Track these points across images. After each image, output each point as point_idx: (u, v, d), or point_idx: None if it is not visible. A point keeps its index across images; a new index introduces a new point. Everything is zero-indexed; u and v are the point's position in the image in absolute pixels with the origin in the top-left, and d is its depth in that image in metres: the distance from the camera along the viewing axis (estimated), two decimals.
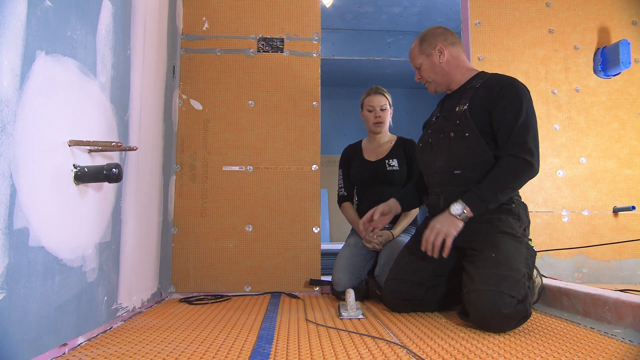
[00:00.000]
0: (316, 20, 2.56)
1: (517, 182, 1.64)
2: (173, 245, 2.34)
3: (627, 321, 1.39)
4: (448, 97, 1.90)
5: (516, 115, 1.65)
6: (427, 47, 1.88)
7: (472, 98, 1.74)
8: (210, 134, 2.43)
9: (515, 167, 1.62)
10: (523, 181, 1.64)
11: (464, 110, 1.73)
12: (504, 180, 1.62)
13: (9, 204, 0.99)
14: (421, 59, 1.89)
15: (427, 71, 1.89)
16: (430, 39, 1.88)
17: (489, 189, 1.61)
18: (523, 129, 1.64)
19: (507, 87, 1.71)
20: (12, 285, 1.00)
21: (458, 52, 1.88)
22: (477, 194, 1.61)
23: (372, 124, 2.39)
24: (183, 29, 2.49)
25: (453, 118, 1.76)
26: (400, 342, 1.30)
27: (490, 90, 1.72)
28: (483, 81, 1.77)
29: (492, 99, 1.70)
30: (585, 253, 2.49)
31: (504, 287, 1.42)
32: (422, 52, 1.89)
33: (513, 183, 1.63)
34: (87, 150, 1.34)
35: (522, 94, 1.70)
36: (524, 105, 1.67)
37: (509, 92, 1.69)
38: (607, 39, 2.67)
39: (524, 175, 1.63)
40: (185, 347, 1.27)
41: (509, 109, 1.67)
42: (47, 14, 1.15)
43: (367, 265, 2.25)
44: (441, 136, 1.79)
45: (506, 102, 1.68)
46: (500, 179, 1.62)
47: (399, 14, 5.23)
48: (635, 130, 2.61)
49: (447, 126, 1.77)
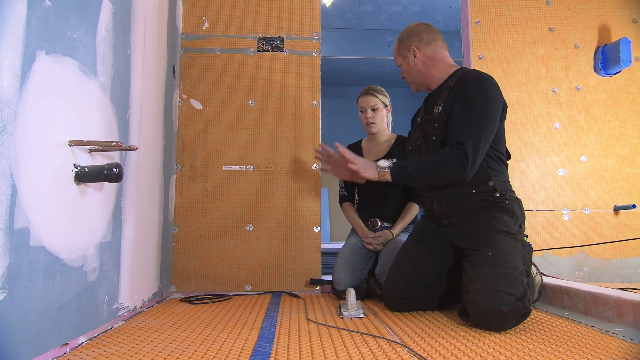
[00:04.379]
0: (316, 19, 2.56)
1: (443, 173, 1.65)
2: (174, 245, 2.34)
3: (628, 320, 1.39)
4: (430, 96, 1.90)
5: (468, 114, 1.64)
6: (402, 49, 1.88)
7: (445, 99, 1.74)
8: (210, 133, 2.44)
9: (449, 159, 1.62)
10: (449, 176, 1.65)
11: (440, 112, 1.73)
12: (433, 165, 1.65)
13: (10, 203, 0.99)
14: (399, 60, 1.91)
15: (405, 72, 1.91)
16: (405, 40, 1.87)
17: (416, 166, 1.70)
18: (468, 129, 1.62)
19: (471, 83, 1.69)
20: (13, 285, 1.00)
21: (435, 51, 1.84)
22: (404, 165, 1.71)
23: (365, 124, 2.40)
24: (183, 28, 2.49)
25: (432, 121, 1.77)
26: (401, 341, 1.30)
27: (458, 88, 1.71)
28: (457, 80, 1.75)
29: (457, 97, 1.70)
30: (586, 252, 2.49)
31: (502, 285, 1.42)
32: (399, 54, 1.90)
33: (439, 172, 1.64)
34: (88, 150, 1.34)
35: (484, 93, 1.66)
36: (480, 106, 1.64)
37: (471, 89, 1.68)
38: (607, 37, 2.66)
39: (453, 171, 1.63)
40: (186, 346, 1.27)
41: (463, 106, 1.65)
42: (47, 14, 1.15)
43: (368, 264, 2.25)
44: (426, 139, 1.80)
45: (465, 99, 1.66)
46: (430, 163, 1.66)
47: (399, 13, 5.23)
48: (635, 128, 2.61)
49: (429, 129, 1.78)
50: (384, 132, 2.43)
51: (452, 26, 5.32)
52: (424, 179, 1.71)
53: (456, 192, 1.72)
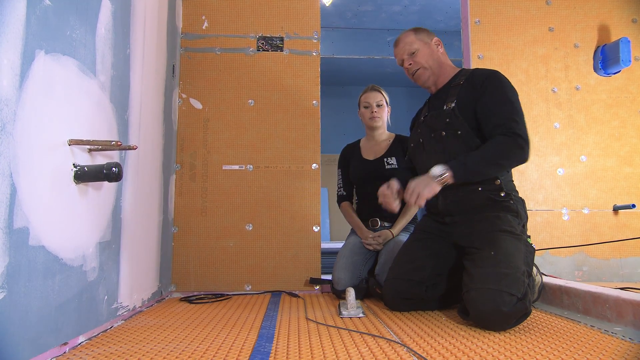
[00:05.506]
0: (316, 18, 2.56)
1: (506, 160, 1.62)
2: (173, 245, 2.34)
3: (628, 319, 1.39)
4: (434, 97, 1.90)
5: (502, 103, 1.66)
6: (424, 36, 1.88)
7: (458, 95, 1.75)
8: (210, 133, 2.43)
9: (507, 145, 1.61)
10: (512, 161, 1.63)
11: (453, 107, 1.73)
12: (493, 154, 1.61)
13: (9, 203, 0.99)
14: (418, 44, 1.86)
15: (425, 56, 1.85)
16: (426, 31, 1.91)
17: (476, 160, 1.62)
18: (511, 114, 1.64)
19: (489, 78, 1.72)
20: (13, 284, 1.00)
21: (445, 53, 1.92)
22: (462, 162, 1.61)
23: (368, 118, 2.39)
24: (182, 27, 2.49)
25: (442, 116, 1.76)
26: (400, 341, 1.30)
27: (474, 85, 1.73)
28: (466, 77, 1.78)
29: (476, 92, 1.71)
30: (586, 251, 2.49)
31: (504, 285, 1.41)
32: (418, 39, 1.87)
33: (502, 160, 1.62)
34: (87, 150, 1.34)
35: (505, 83, 1.71)
36: (509, 94, 1.68)
37: (492, 82, 1.70)
38: (607, 37, 2.66)
39: (514, 155, 1.62)
40: (185, 346, 1.27)
41: (494, 97, 1.67)
42: (47, 13, 1.15)
43: (368, 264, 2.25)
44: (432, 135, 1.79)
45: (490, 91, 1.68)
46: (489, 153, 1.62)
47: (398, 13, 5.23)
48: (635, 128, 2.61)
49: (438, 125, 1.77)
50: (383, 131, 2.44)
51: (451, 26, 5.33)
52: (488, 172, 1.64)
53: (462, 189, 1.71)
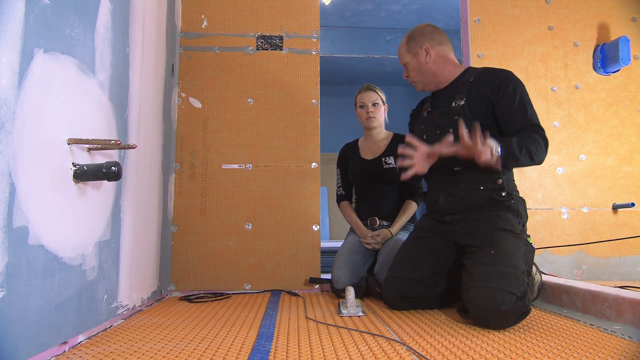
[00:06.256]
0: (315, 17, 2.56)
1: (539, 151, 1.61)
2: (173, 244, 2.34)
3: (627, 317, 1.39)
4: (439, 92, 1.89)
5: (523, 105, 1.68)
6: (413, 46, 1.87)
7: (468, 93, 1.74)
8: (209, 132, 2.43)
9: (541, 144, 1.62)
10: (541, 154, 1.62)
11: (462, 105, 1.73)
12: (531, 149, 1.59)
13: (8, 202, 0.99)
14: (408, 57, 1.89)
15: (414, 70, 1.89)
16: (418, 37, 1.88)
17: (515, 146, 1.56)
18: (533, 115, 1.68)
19: (506, 78, 1.73)
20: (12, 283, 1.00)
21: (446, 51, 1.88)
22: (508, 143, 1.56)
23: (365, 119, 2.39)
24: (182, 26, 2.48)
25: (450, 113, 1.76)
26: (400, 340, 1.30)
27: (491, 84, 1.73)
28: (476, 75, 1.78)
29: (492, 93, 1.71)
30: (585, 250, 2.50)
31: (503, 284, 1.42)
32: (409, 51, 1.89)
33: (535, 155, 1.60)
34: (87, 149, 1.34)
35: (522, 84, 1.73)
36: (528, 96, 1.72)
37: (512, 81, 1.72)
38: (606, 35, 2.66)
39: (542, 156, 1.63)
40: (185, 345, 1.27)
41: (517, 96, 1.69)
42: (46, 12, 1.14)
43: (367, 262, 2.25)
44: (438, 132, 1.78)
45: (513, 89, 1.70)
46: (526, 142, 1.59)
47: (398, 12, 5.23)
48: (634, 127, 2.61)
49: (445, 122, 1.77)
50: (381, 130, 2.44)
51: (451, 25, 5.32)
52: (523, 162, 1.61)
53: (464, 187, 1.71)
